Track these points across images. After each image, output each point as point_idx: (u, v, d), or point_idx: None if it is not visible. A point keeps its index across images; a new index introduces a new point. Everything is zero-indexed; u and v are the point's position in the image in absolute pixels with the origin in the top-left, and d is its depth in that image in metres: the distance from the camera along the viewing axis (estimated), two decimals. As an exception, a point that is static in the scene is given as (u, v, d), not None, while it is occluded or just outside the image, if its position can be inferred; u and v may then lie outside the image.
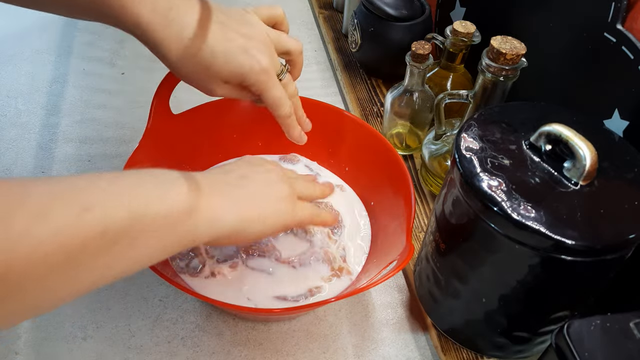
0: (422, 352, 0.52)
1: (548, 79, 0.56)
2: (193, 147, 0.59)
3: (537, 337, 0.44)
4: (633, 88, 0.44)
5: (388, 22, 0.71)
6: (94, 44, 0.86)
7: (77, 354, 0.49)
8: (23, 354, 0.48)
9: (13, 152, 0.67)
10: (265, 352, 0.50)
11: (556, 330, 0.33)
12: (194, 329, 0.51)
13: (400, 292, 0.56)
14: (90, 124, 0.72)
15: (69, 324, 0.51)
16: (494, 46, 0.48)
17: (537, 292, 0.40)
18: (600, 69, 0.48)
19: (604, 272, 0.38)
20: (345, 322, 0.53)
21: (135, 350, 0.49)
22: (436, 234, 0.46)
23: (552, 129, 0.38)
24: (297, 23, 0.97)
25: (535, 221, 0.35)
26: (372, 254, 0.54)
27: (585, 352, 0.31)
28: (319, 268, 0.52)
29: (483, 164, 0.39)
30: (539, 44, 0.55)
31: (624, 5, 0.44)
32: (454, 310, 0.47)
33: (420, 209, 0.63)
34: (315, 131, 0.62)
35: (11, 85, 0.76)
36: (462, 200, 0.40)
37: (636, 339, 0.31)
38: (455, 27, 0.60)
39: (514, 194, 0.37)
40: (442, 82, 0.66)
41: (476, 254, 0.41)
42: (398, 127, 0.68)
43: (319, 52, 0.90)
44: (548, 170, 0.38)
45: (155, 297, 0.53)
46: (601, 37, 0.47)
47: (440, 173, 0.60)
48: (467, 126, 0.42)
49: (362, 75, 0.81)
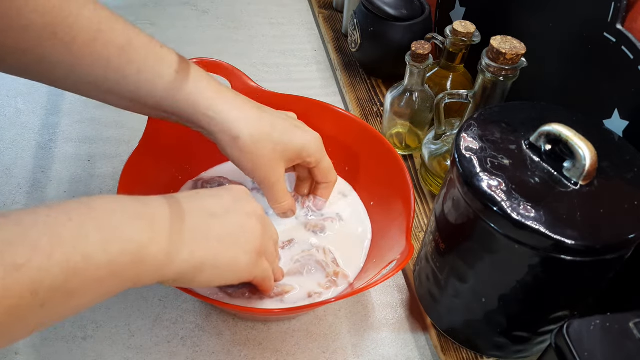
0: (421, 352, 0.52)
1: (548, 79, 0.56)
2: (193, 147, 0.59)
3: (537, 337, 0.44)
4: (633, 88, 0.44)
5: (388, 22, 0.71)
6: (94, 44, 0.86)
7: (77, 354, 0.49)
8: (23, 353, 0.48)
9: (13, 151, 0.67)
10: (265, 352, 0.50)
11: (556, 330, 0.33)
12: (194, 329, 0.51)
13: (400, 292, 0.56)
14: (90, 123, 0.72)
15: (69, 324, 0.51)
16: (494, 46, 0.48)
17: (536, 292, 0.40)
18: (600, 69, 0.48)
19: (603, 272, 0.38)
20: (345, 322, 0.53)
21: (135, 350, 0.49)
22: (436, 234, 0.46)
23: (552, 129, 0.38)
24: (296, 23, 0.97)
25: (535, 221, 0.35)
26: (372, 254, 0.54)
27: (585, 352, 0.31)
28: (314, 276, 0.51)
29: (483, 163, 0.39)
30: (539, 44, 0.55)
31: (624, 5, 0.44)
32: (453, 310, 0.47)
33: (420, 208, 0.63)
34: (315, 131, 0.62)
35: (11, 84, 0.76)
36: (462, 200, 0.40)
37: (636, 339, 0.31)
38: (455, 27, 0.60)
39: (514, 193, 0.37)
40: (442, 82, 0.66)
41: (476, 254, 0.41)
42: (398, 127, 0.68)
43: (318, 52, 0.90)
44: (548, 170, 0.38)
45: (155, 297, 0.53)
46: (601, 37, 0.47)
47: (440, 173, 0.60)
48: (467, 126, 0.42)
49: (362, 75, 0.81)
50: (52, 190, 0.63)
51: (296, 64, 0.87)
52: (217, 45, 0.89)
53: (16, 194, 0.62)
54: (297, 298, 0.49)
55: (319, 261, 0.52)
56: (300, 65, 0.87)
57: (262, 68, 0.85)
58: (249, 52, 0.89)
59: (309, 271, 0.51)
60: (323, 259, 0.52)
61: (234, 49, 0.89)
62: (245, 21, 0.96)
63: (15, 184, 0.63)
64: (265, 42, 0.91)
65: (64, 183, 0.64)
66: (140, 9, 0.96)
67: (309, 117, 0.61)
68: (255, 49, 0.89)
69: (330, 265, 0.52)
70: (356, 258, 0.54)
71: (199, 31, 0.92)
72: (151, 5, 0.97)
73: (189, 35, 0.90)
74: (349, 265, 0.53)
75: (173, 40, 0.90)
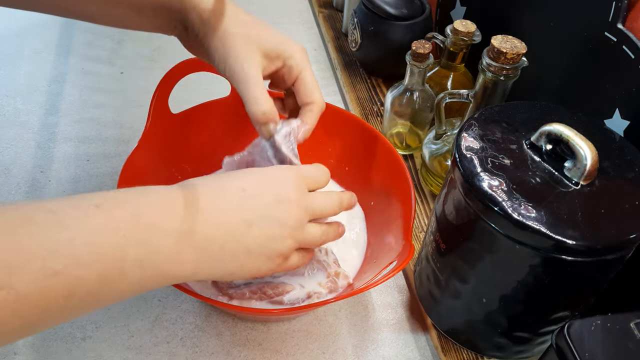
0: (422, 352, 0.52)
1: (548, 79, 0.55)
2: (192, 146, 0.59)
3: (538, 337, 0.44)
4: (634, 87, 0.44)
5: (388, 21, 0.71)
6: (93, 44, 0.86)
7: (76, 354, 0.48)
8: (22, 354, 0.48)
9: (12, 151, 0.67)
10: (265, 352, 0.50)
11: (557, 331, 0.33)
12: (193, 329, 0.51)
13: (400, 292, 0.56)
14: (89, 123, 0.72)
15: (68, 324, 0.50)
16: (495, 45, 0.48)
17: (537, 292, 0.39)
18: (601, 68, 0.48)
19: (604, 272, 0.38)
20: (345, 322, 0.53)
21: (134, 351, 0.49)
22: (436, 234, 0.46)
23: (552, 129, 0.38)
24: (296, 22, 0.97)
25: (535, 221, 0.35)
26: (372, 254, 0.53)
27: (586, 352, 0.31)
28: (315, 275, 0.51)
29: (483, 163, 0.39)
30: (540, 43, 0.55)
31: (625, 5, 0.44)
32: (454, 311, 0.47)
33: (421, 208, 0.63)
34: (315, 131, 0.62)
35: (10, 84, 0.76)
36: (462, 200, 0.40)
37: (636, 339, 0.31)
38: (456, 26, 0.59)
39: (515, 193, 0.37)
40: (442, 82, 0.66)
41: (476, 254, 0.41)
42: (398, 127, 0.68)
43: (318, 52, 0.90)
44: (549, 170, 0.38)
45: (155, 297, 0.53)
46: (602, 37, 0.47)
47: (440, 173, 0.60)
48: (467, 126, 0.42)
49: (362, 75, 0.81)
50: (51, 190, 0.63)
51: (296, 64, 0.87)
52: (217, 45, 0.89)
53: (15, 193, 0.62)
54: (297, 298, 0.49)
55: (321, 261, 0.52)
56: (300, 65, 0.87)
57: (261, 67, 0.85)
58: (249, 51, 0.89)
59: (310, 271, 0.51)
60: (325, 259, 0.52)
61: (233, 48, 0.89)
62: (245, 20, 0.96)
63: (14, 183, 0.63)
64: (265, 42, 0.91)
65: (63, 183, 0.64)
66: (139, 8, 0.96)
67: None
68: (255, 49, 0.89)
69: (332, 265, 0.52)
70: (356, 258, 0.54)
71: (199, 30, 0.92)
72: (151, 5, 0.97)
73: (188, 34, 0.90)
74: (348, 265, 0.53)
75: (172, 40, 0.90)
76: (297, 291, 0.50)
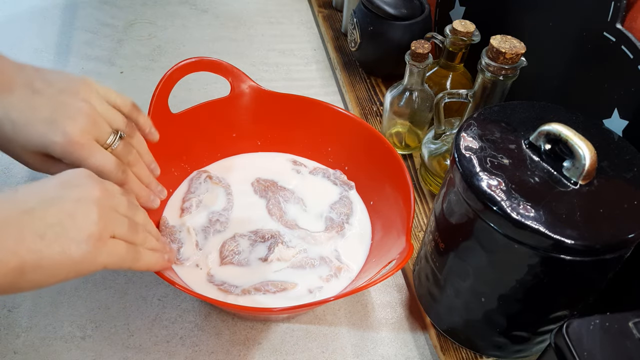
0: (421, 351, 0.52)
1: (547, 78, 0.56)
2: (192, 146, 0.59)
3: (537, 336, 0.44)
4: (633, 87, 0.44)
5: (387, 21, 0.71)
6: (93, 43, 0.86)
7: (76, 354, 0.48)
8: (22, 353, 0.48)
9: (12, 151, 0.67)
10: (264, 351, 0.50)
11: (555, 330, 0.33)
12: (193, 329, 0.51)
13: (399, 291, 0.56)
14: (89, 123, 0.71)
15: (68, 324, 0.50)
16: (494, 45, 0.48)
17: (536, 291, 0.40)
18: (600, 68, 0.48)
19: (603, 271, 0.38)
20: (345, 321, 0.53)
21: (134, 350, 0.49)
22: (435, 234, 0.46)
23: (551, 129, 0.38)
24: (296, 22, 0.97)
25: (534, 220, 0.35)
26: (372, 253, 0.54)
27: (584, 351, 0.31)
28: (317, 269, 0.52)
29: (482, 163, 0.39)
30: (539, 43, 0.55)
31: (624, 5, 0.44)
32: (453, 310, 0.47)
33: (420, 208, 0.63)
34: (314, 131, 0.62)
35: (10, 84, 0.76)
36: (461, 200, 0.40)
37: (635, 338, 0.31)
38: (455, 26, 0.59)
39: (514, 193, 0.37)
40: (441, 82, 0.66)
41: (475, 254, 0.41)
42: (397, 127, 0.68)
43: (318, 51, 0.90)
44: (547, 170, 0.38)
45: (154, 296, 0.53)
46: (601, 37, 0.47)
47: (439, 172, 0.60)
48: (466, 125, 0.42)
49: (361, 75, 0.81)
50: (51, 189, 0.63)
51: (296, 63, 0.87)
52: (217, 44, 0.89)
53: (15, 193, 0.62)
54: (297, 295, 0.49)
55: (323, 257, 0.52)
56: (299, 65, 0.87)
57: (261, 67, 0.85)
58: (249, 51, 0.89)
59: (312, 265, 0.52)
60: (327, 255, 0.53)
61: (233, 48, 0.89)
62: (244, 20, 0.96)
63: (14, 183, 0.63)
64: (264, 41, 0.91)
65: (63, 182, 0.63)
66: (139, 7, 0.96)
67: (308, 116, 0.61)
68: (254, 48, 0.89)
69: (334, 261, 0.52)
70: (356, 257, 0.54)
71: (198, 30, 0.92)
72: (150, 4, 0.97)
73: (188, 34, 0.90)
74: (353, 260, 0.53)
75: (172, 39, 0.90)
76: (298, 288, 0.50)
